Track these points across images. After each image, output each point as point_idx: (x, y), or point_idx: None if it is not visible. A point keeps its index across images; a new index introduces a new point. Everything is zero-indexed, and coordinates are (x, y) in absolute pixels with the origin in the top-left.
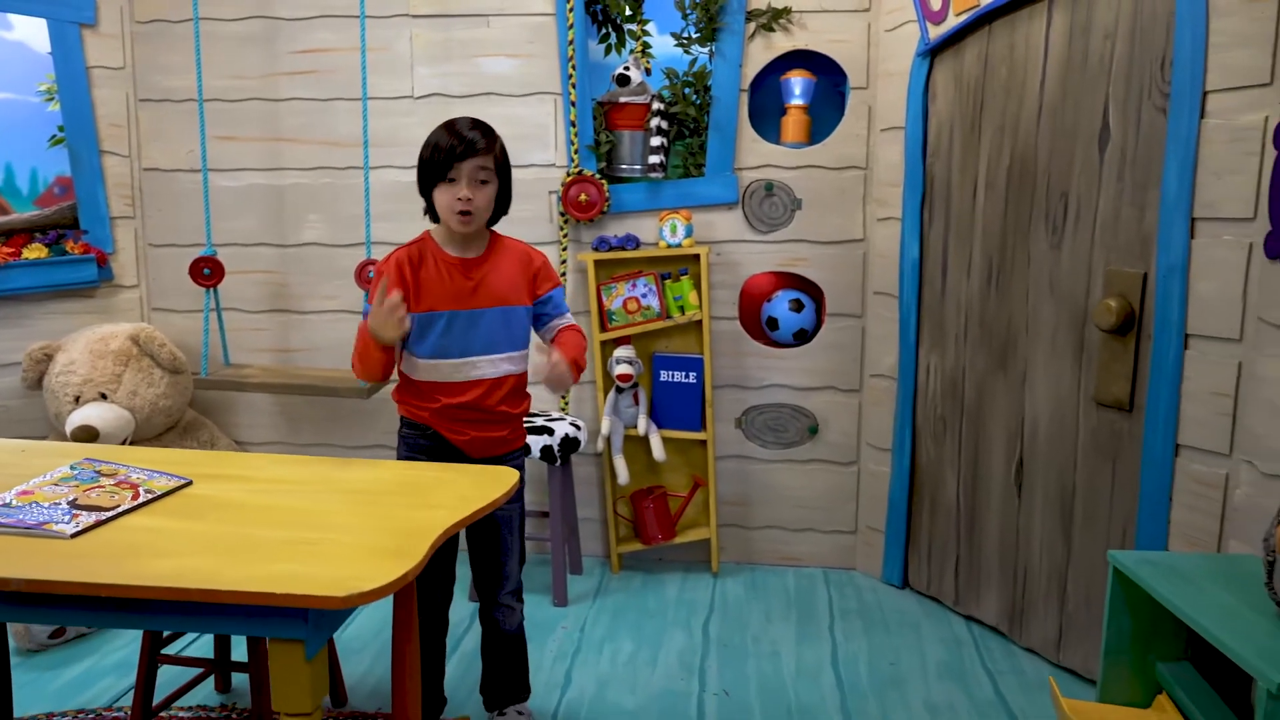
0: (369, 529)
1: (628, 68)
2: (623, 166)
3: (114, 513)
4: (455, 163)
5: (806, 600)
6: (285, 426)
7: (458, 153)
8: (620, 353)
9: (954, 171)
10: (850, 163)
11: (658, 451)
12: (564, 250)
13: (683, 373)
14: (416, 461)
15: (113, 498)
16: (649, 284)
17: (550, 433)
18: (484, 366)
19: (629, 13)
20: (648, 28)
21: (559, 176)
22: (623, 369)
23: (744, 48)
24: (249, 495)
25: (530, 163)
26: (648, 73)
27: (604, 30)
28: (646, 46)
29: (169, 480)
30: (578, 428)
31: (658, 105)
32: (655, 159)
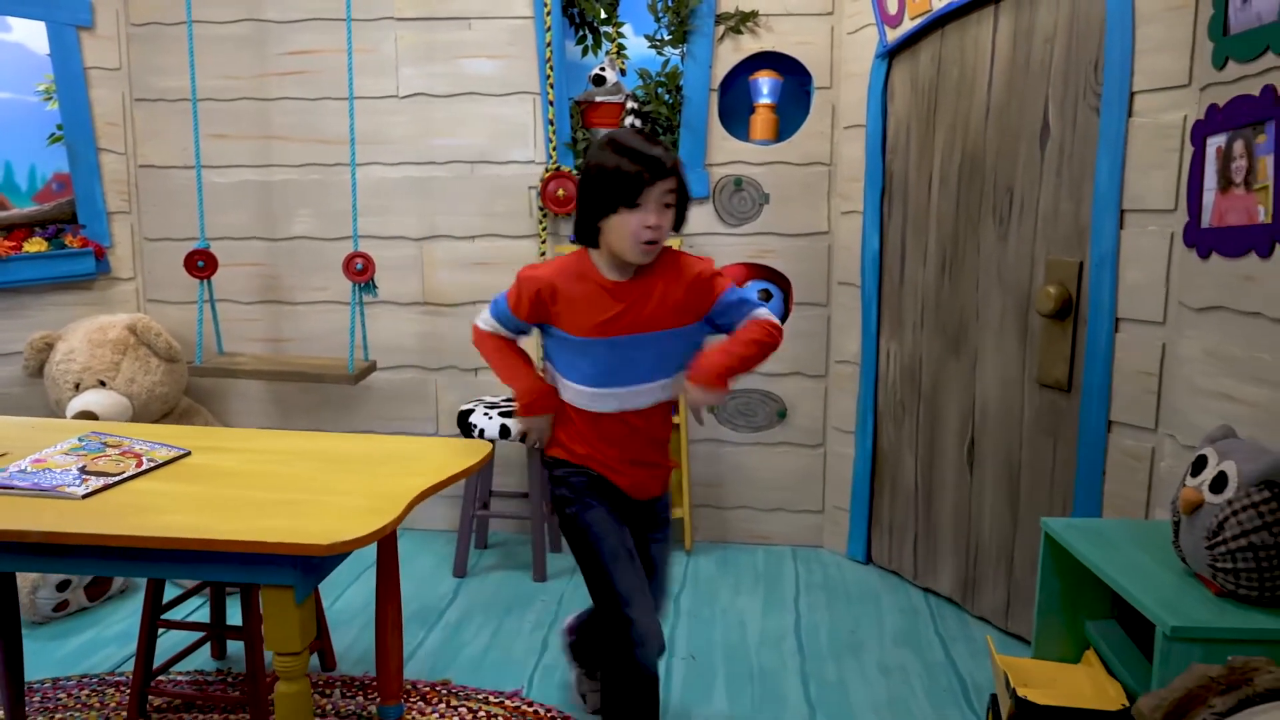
0: (352, 492)
1: (603, 68)
2: None
3: (120, 478)
4: (645, 189)
5: (774, 575)
6: (276, 413)
7: (646, 179)
8: None
9: (911, 168)
10: (815, 159)
11: None
12: (543, 243)
13: None
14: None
15: (118, 465)
16: None
17: None
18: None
19: (604, 16)
20: (622, 30)
21: (538, 173)
22: None
23: (714, 49)
24: (242, 464)
25: (510, 159)
26: (622, 73)
27: (581, 32)
28: (621, 48)
29: (169, 451)
30: None
31: (632, 104)
32: None
